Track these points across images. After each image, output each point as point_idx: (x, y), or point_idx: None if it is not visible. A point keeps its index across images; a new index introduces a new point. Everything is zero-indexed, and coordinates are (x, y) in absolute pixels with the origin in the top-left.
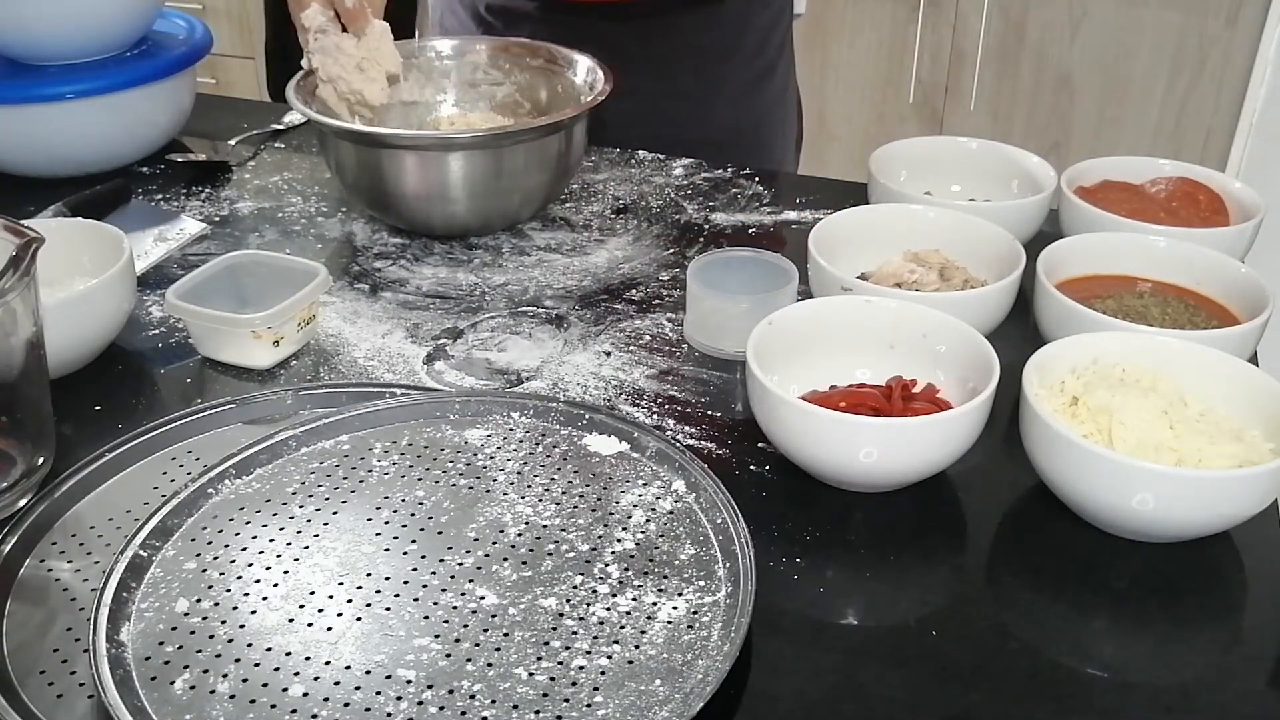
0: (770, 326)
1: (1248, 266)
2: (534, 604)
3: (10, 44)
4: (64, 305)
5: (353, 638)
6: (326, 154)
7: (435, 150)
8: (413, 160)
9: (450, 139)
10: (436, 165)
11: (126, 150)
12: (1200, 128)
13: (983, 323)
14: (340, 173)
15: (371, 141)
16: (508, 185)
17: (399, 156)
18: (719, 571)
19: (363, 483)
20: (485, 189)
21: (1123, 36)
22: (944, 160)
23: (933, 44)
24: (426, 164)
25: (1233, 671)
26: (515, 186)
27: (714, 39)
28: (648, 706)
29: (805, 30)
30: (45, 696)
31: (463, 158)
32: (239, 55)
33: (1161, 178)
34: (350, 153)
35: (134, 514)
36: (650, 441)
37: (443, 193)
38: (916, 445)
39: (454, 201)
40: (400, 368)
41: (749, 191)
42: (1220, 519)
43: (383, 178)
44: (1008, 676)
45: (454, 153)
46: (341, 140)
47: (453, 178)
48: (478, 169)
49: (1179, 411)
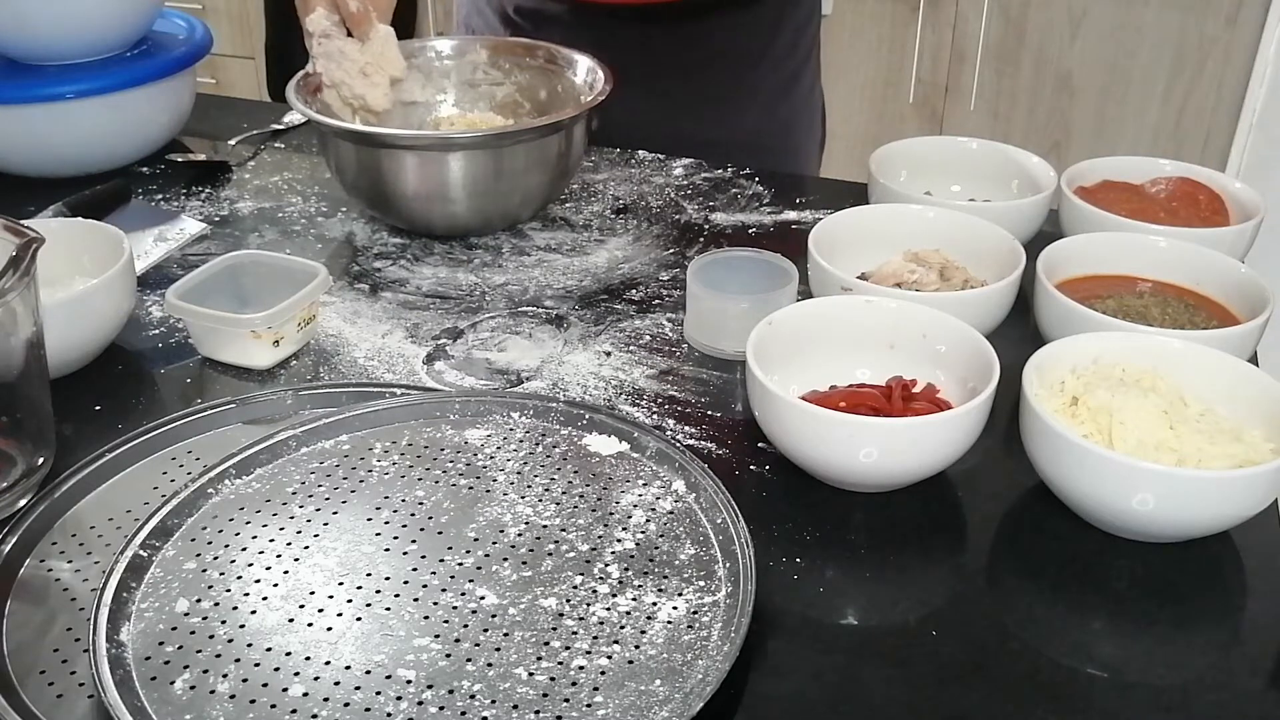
0: (770, 326)
1: (1248, 266)
2: (534, 604)
3: (10, 44)
4: (64, 305)
5: (353, 638)
6: (327, 154)
7: (435, 150)
8: (413, 160)
9: (450, 139)
10: (436, 165)
11: (126, 150)
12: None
13: (983, 323)
14: (340, 173)
15: (372, 142)
16: (508, 185)
17: (399, 156)
18: (719, 571)
19: (363, 483)
20: (485, 189)
21: (1123, 36)
22: (944, 160)
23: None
24: (426, 164)
25: (1233, 671)
26: (515, 186)
27: (746, 42)
28: (648, 706)
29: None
30: (45, 696)
31: (463, 158)
32: (239, 55)
33: (1161, 178)
34: (350, 153)
35: (134, 514)
36: (650, 441)
37: (443, 193)
38: (916, 445)
39: (454, 201)
40: (400, 368)
41: (749, 191)
42: (1220, 519)
43: (383, 178)
44: (1008, 676)
45: (454, 153)
46: (342, 140)
47: (453, 178)
48: (478, 169)
49: (1179, 411)
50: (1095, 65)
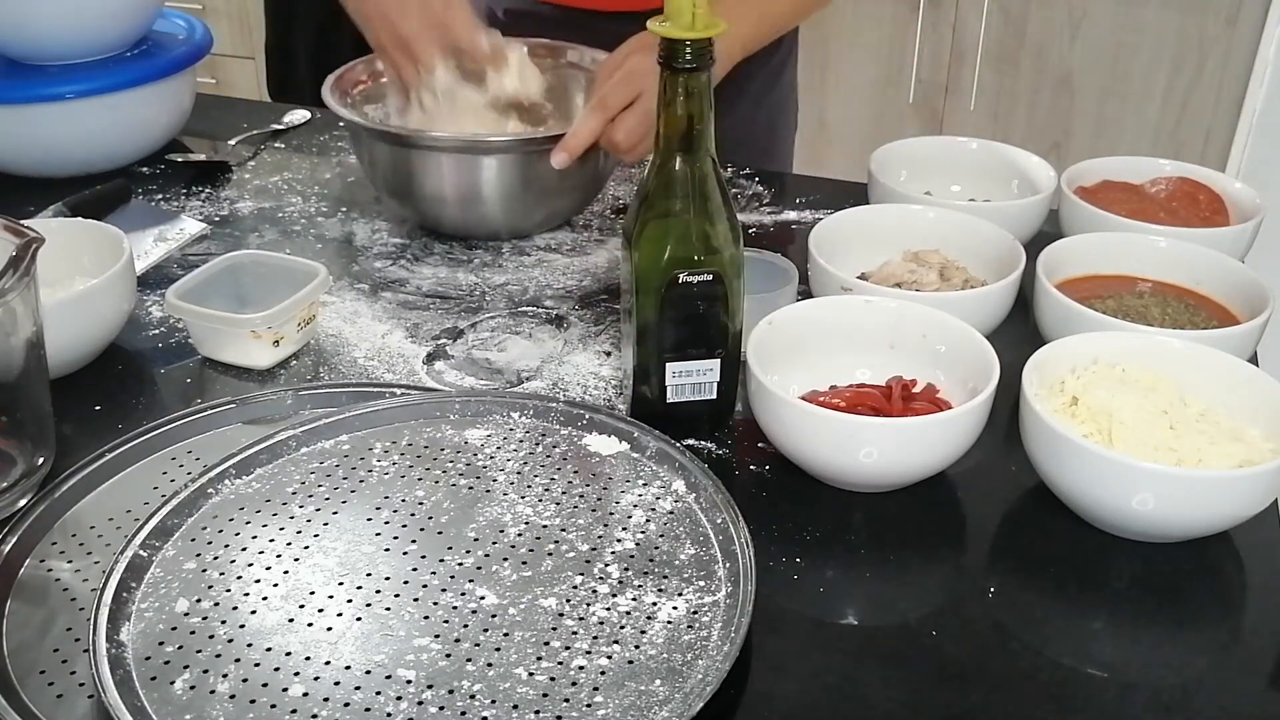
0: (770, 326)
1: (1248, 266)
2: (534, 604)
3: (10, 44)
4: (64, 305)
5: (353, 638)
6: (361, 156)
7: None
8: (449, 163)
9: (487, 143)
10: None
11: (126, 150)
12: (1200, 128)
13: (983, 323)
14: (376, 175)
15: (409, 144)
16: (541, 190)
17: (436, 158)
18: (719, 571)
19: (363, 483)
20: (519, 193)
21: (1123, 36)
22: (944, 160)
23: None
24: (464, 167)
25: (1233, 671)
26: (550, 192)
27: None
28: (648, 706)
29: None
30: (45, 696)
31: (502, 162)
32: (239, 55)
33: (1161, 178)
34: (386, 154)
35: (134, 514)
36: (650, 441)
37: (476, 194)
38: (916, 445)
39: (486, 203)
40: (400, 368)
41: (749, 191)
42: (1220, 519)
43: (418, 179)
44: (1008, 676)
45: (491, 156)
46: (377, 142)
47: (487, 180)
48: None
49: (1179, 411)
50: (1095, 65)
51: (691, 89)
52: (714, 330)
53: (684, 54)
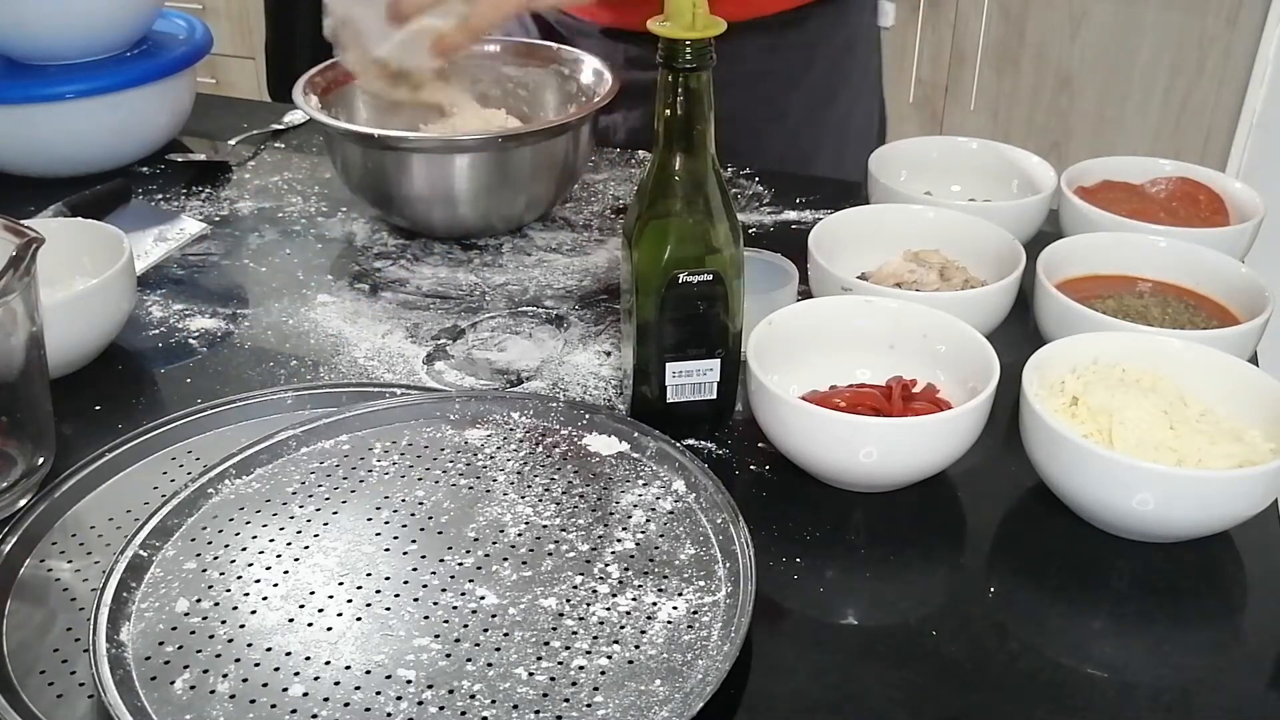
0: (770, 326)
1: (1248, 266)
2: (534, 604)
3: (10, 44)
4: (64, 305)
5: (353, 638)
6: (332, 155)
7: (440, 153)
8: (418, 162)
9: (456, 141)
10: (441, 167)
11: (126, 150)
12: (1200, 128)
13: (983, 323)
14: (345, 173)
15: (376, 143)
16: (512, 188)
17: (403, 158)
18: (719, 571)
19: (363, 483)
20: (489, 191)
21: (1123, 36)
22: (944, 160)
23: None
24: (431, 166)
25: (1233, 671)
26: (520, 189)
27: (777, 66)
28: (648, 706)
29: None
30: (45, 696)
31: (468, 160)
32: (239, 55)
33: (1161, 178)
34: (356, 154)
35: (134, 514)
36: (650, 441)
37: (447, 195)
38: (916, 445)
39: (458, 203)
40: (400, 368)
41: (749, 191)
42: (1220, 519)
43: (386, 179)
44: (1008, 676)
45: (459, 155)
46: (346, 142)
47: (457, 179)
48: (482, 171)
49: (1179, 411)
50: (1095, 65)
51: (691, 88)
52: (714, 330)
53: (684, 54)
